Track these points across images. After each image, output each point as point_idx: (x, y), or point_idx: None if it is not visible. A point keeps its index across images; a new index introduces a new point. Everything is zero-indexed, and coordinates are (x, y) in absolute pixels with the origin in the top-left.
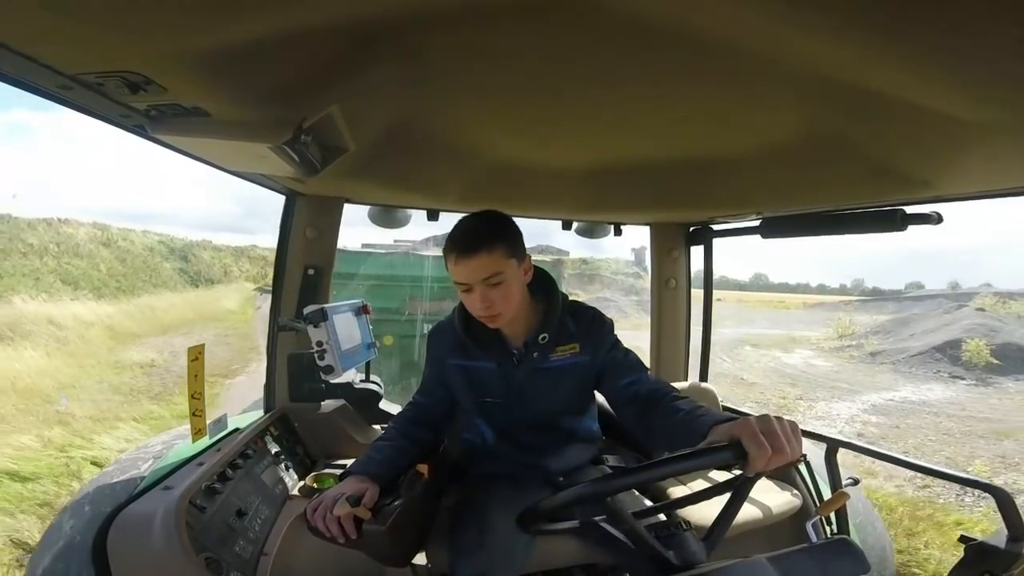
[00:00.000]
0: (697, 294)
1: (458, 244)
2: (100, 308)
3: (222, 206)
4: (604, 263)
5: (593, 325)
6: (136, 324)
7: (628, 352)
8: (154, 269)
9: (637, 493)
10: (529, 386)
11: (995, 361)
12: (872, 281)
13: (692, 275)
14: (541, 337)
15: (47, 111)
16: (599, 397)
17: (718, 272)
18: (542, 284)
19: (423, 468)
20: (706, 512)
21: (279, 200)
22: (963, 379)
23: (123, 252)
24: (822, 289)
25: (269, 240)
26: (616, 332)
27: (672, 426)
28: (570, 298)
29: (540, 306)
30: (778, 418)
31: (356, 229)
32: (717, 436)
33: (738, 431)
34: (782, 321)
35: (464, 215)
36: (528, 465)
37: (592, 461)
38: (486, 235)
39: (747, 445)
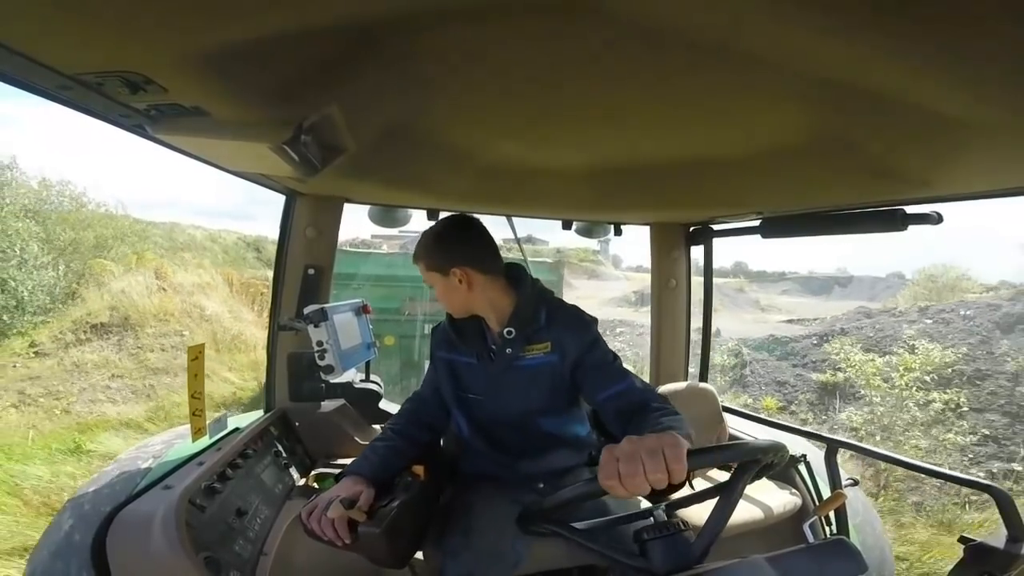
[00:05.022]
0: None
1: None
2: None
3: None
4: (574, 252)
5: (567, 325)
6: None
7: (610, 356)
8: (243, 257)
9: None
10: (504, 383)
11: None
12: (857, 270)
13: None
14: (507, 332)
15: None
16: None
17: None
18: (513, 279)
19: (419, 469)
20: (708, 512)
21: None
22: None
23: (224, 246)
24: (809, 276)
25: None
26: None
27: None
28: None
29: (515, 299)
30: (644, 440)
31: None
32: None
33: (602, 457)
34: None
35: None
36: (507, 466)
37: (588, 463)
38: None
39: (599, 473)
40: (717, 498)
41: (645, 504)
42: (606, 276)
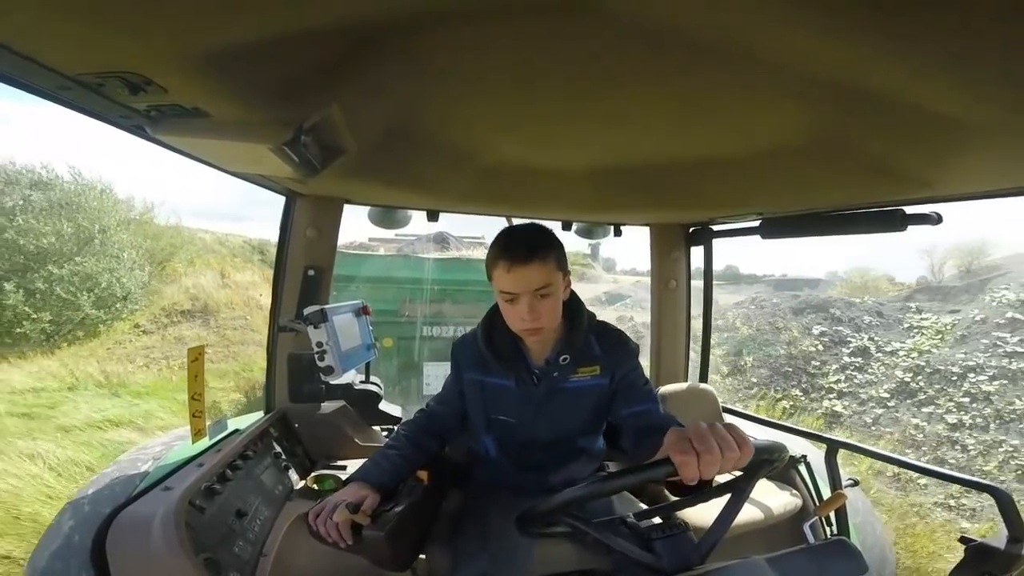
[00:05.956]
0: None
1: (512, 252)
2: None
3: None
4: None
5: (617, 348)
6: None
7: (643, 380)
8: (250, 259)
9: (630, 496)
10: (546, 406)
11: None
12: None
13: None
14: (563, 359)
15: None
16: None
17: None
18: (570, 303)
19: (423, 474)
20: (707, 513)
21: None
22: None
23: (231, 248)
24: (782, 278)
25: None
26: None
27: (651, 447)
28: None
29: (566, 325)
30: (712, 424)
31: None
32: (663, 447)
33: (667, 439)
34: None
35: (509, 227)
36: (530, 479)
37: (596, 469)
38: (541, 244)
39: (671, 454)
40: (720, 498)
41: (644, 506)
42: (594, 279)
